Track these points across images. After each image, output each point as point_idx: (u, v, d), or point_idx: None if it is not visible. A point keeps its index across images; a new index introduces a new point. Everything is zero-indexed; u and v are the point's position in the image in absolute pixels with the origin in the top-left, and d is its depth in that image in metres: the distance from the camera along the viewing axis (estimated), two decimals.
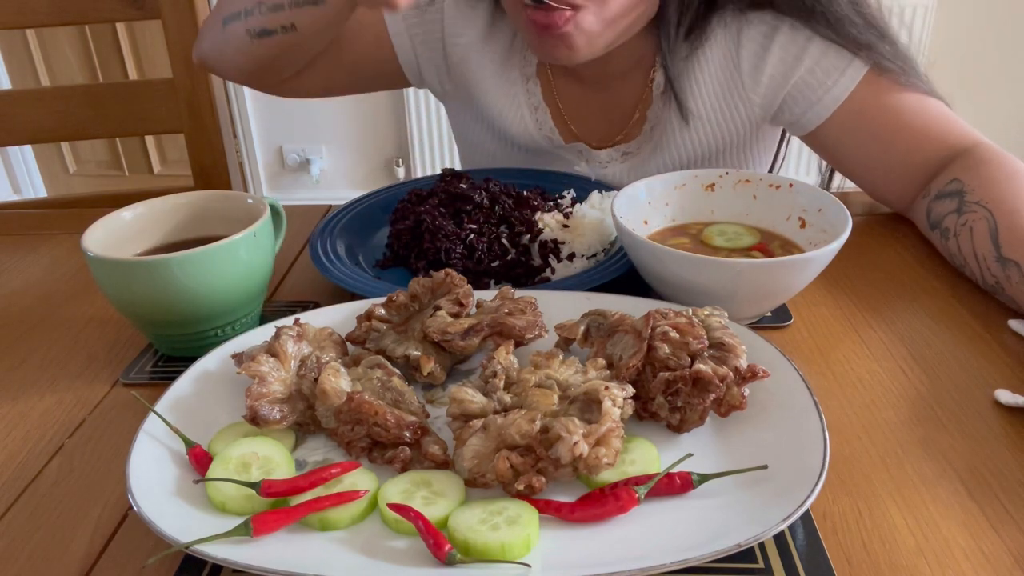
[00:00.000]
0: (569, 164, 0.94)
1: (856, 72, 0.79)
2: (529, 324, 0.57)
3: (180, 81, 1.19)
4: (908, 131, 0.79)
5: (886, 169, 0.82)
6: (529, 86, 0.92)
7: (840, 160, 0.86)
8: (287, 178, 2.95)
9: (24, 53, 2.81)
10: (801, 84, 0.81)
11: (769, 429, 0.50)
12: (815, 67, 0.80)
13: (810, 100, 0.81)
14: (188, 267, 0.59)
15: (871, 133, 0.80)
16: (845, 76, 0.79)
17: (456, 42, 0.92)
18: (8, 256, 0.86)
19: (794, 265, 0.60)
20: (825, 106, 0.81)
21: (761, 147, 0.93)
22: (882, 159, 0.81)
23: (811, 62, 0.80)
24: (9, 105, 1.20)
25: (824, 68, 0.80)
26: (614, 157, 0.92)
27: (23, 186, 3.02)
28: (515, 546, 0.41)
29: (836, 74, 0.79)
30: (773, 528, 0.41)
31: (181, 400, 0.53)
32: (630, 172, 0.91)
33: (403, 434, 0.48)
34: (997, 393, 0.56)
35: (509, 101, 0.93)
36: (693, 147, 0.89)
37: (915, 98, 0.80)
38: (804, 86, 0.81)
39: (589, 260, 0.74)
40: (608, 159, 0.92)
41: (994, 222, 0.68)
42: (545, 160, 0.95)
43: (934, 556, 0.44)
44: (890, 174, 0.82)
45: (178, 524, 0.43)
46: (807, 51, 0.80)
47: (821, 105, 0.81)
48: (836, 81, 0.79)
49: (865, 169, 0.84)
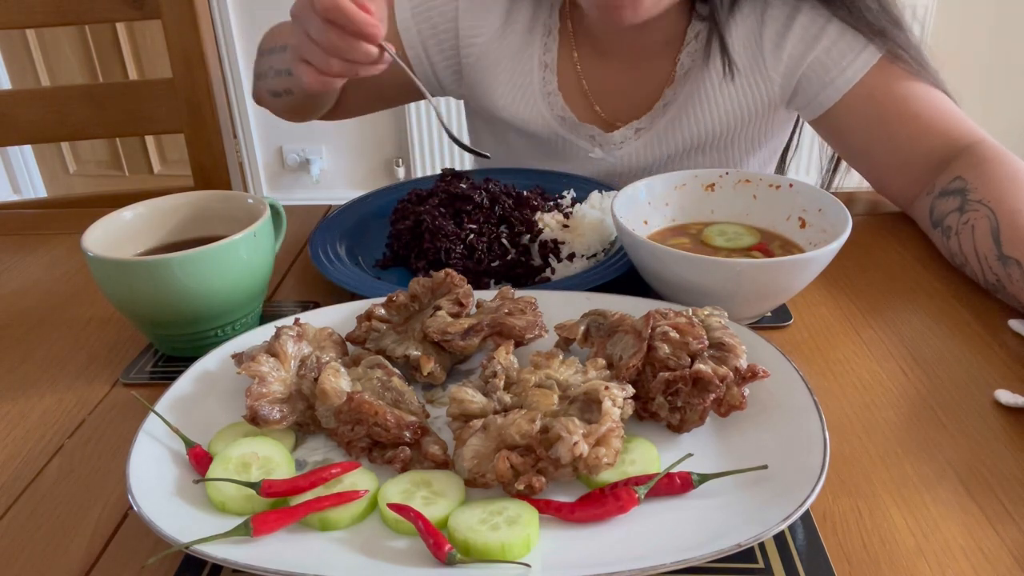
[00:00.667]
0: (582, 151, 0.94)
1: (870, 57, 0.81)
2: (529, 324, 0.57)
3: (180, 81, 1.19)
4: (914, 120, 0.80)
5: (890, 157, 0.83)
6: (546, 74, 0.92)
7: (846, 146, 0.88)
8: (287, 178, 2.95)
9: (24, 53, 2.81)
10: (816, 64, 0.83)
11: (769, 429, 0.50)
12: (831, 48, 0.82)
13: (823, 81, 0.83)
14: (188, 267, 0.59)
15: (879, 119, 0.82)
16: (859, 59, 0.81)
17: (472, 43, 0.92)
18: (8, 256, 0.86)
19: (794, 265, 0.60)
20: (837, 88, 0.82)
21: (772, 132, 0.94)
22: (887, 146, 0.82)
23: (828, 42, 0.82)
24: (9, 105, 1.20)
25: (840, 49, 0.82)
26: (628, 136, 0.92)
27: (23, 186, 3.02)
28: (515, 546, 0.41)
29: (851, 56, 0.81)
30: (773, 528, 0.41)
31: (181, 400, 0.53)
32: (645, 148, 0.92)
33: (403, 434, 0.48)
34: (997, 393, 0.56)
35: (523, 91, 0.93)
36: (711, 124, 0.89)
37: (924, 89, 0.81)
38: (819, 66, 0.83)
39: (589, 260, 0.74)
40: (622, 139, 0.92)
41: (996, 220, 0.68)
42: (559, 149, 0.95)
43: (934, 556, 0.44)
44: (893, 163, 0.83)
45: (178, 524, 0.43)
46: (825, 31, 0.82)
47: (834, 87, 0.83)
48: (850, 63, 0.81)
49: (870, 157, 0.85)
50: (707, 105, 0.88)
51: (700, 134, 0.90)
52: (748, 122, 0.89)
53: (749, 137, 0.92)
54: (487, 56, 0.93)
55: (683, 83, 0.89)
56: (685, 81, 0.89)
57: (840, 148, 0.91)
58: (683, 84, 0.89)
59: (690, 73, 0.88)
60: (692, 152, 0.92)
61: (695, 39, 0.88)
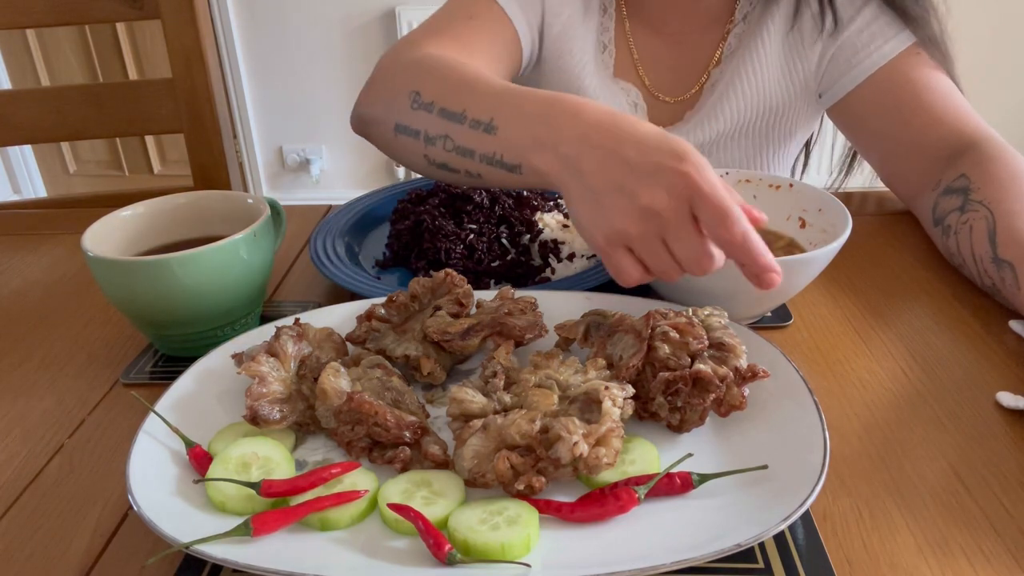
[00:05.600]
0: None
1: (900, 43, 0.81)
2: (529, 324, 0.57)
3: (179, 81, 1.19)
4: (928, 110, 0.80)
5: (901, 146, 0.83)
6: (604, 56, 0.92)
7: (861, 134, 0.88)
8: (287, 178, 2.95)
9: (24, 53, 2.81)
10: (847, 44, 0.84)
11: (769, 429, 0.50)
12: (864, 29, 0.83)
13: (851, 62, 0.84)
14: (188, 267, 0.59)
15: (895, 106, 0.82)
16: (888, 44, 0.81)
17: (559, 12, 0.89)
18: (8, 256, 0.86)
19: (794, 265, 0.60)
20: (863, 70, 0.83)
21: (808, 118, 0.94)
22: (899, 134, 0.83)
23: (862, 23, 0.83)
24: (9, 105, 1.20)
25: (872, 32, 0.82)
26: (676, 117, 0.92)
27: (23, 186, 3.02)
28: (515, 546, 0.41)
29: (881, 40, 0.82)
30: (773, 528, 0.41)
31: (181, 400, 0.53)
32: (690, 132, 0.92)
33: (403, 434, 0.48)
34: (999, 396, 0.56)
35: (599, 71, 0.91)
36: (754, 105, 0.89)
37: (941, 79, 0.81)
38: (848, 46, 0.84)
39: (589, 260, 0.74)
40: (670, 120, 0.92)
41: (993, 222, 0.67)
42: None
43: (934, 556, 0.44)
44: (904, 152, 0.83)
45: (178, 524, 0.43)
46: (861, 12, 0.83)
47: (860, 69, 0.83)
48: (879, 48, 0.82)
49: (882, 144, 0.85)
50: (751, 84, 0.88)
51: (743, 115, 0.90)
52: (788, 106, 0.90)
53: (784, 125, 0.92)
54: (572, 30, 0.90)
55: (729, 62, 0.90)
56: (731, 60, 0.89)
57: (854, 136, 0.91)
58: (729, 63, 0.90)
59: (736, 53, 0.89)
60: (736, 135, 0.92)
61: (743, 20, 0.89)
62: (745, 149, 0.94)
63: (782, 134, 0.94)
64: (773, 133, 0.93)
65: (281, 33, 2.65)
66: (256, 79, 2.76)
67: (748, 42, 0.88)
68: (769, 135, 0.93)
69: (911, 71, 0.81)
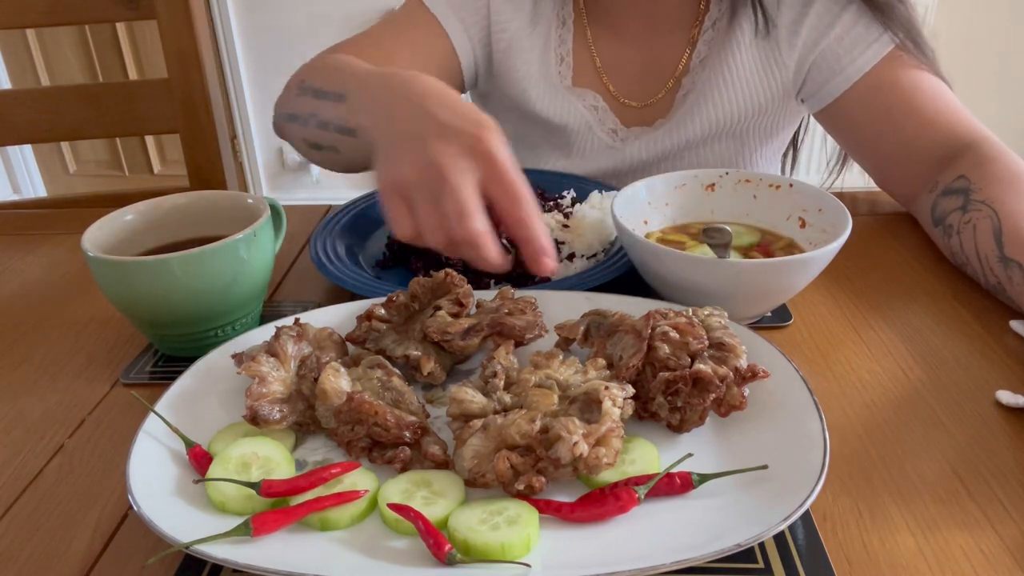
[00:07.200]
0: (603, 142, 0.94)
1: (882, 47, 0.81)
2: (529, 324, 0.57)
3: (176, 81, 1.19)
4: (919, 113, 0.80)
5: (893, 150, 0.83)
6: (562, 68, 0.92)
7: (851, 138, 0.88)
8: (287, 178, 2.95)
9: (24, 53, 2.81)
10: (828, 52, 0.83)
11: (769, 429, 0.50)
12: (844, 36, 0.82)
13: (833, 69, 0.83)
14: (188, 267, 0.59)
15: (885, 110, 0.82)
16: (871, 49, 0.81)
17: (505, 27, 0.91)
18: (8, 256, 0.86)
19: (794, 265, 0.60)
20: (847, 77, 0.82)
21: (788, 120, 0.94)
22: (891, 139, 0.82)
23: (842, 30, 0.82)
24: (8, 105, 1.20)
25: (853, 38, 0.82)
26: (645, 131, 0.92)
27: (23, 186, 3.02)
28: (515, 546, 0.41)
29: (863, 46, 0.81)
30: (773, 528, 0.41)
31: (181, 400, 0.53)
32: (663, 137, 0.92)
33: (403, 434, 0.48)
34: (998, 394, 0.56)
35: (549, 81, 0.92)
36: (728, 112, 0.89)
37: (930, 80, 0.81)
38: (830, 54, 0.83)
39: (589, 260, 0.74)
40: (640, 132, 0.93)
41: (998, 221, 0.67)
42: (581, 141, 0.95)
43: (934, 556, 0.44)
44: (896, 156, 0.83)
45: (178, 524, 0.42)
46: (840, 18, 0.82)
47: (844, 76, 0.83)
48: (862, 53, 0.81)
49: (874, 149, 0.85)
50: (727, 90, 0.88)
51: (721, 120, 0.90)
52: (764, 110, 0.90)
53: (764, 126, 0.92)
54: (517, 43, 0.91)
55: (700, 70, 0.89)
56: (703, 67, 0.89)
57: (844, 141, 0.91)
58: (700, 71, 0.89)
59: (707, 60, 0.89)
60: (717, 136, 0.92)
61: (712, 27, 0.89)
62: (727, 148, 0.94)
63: (764, 133, 0.94)
64: (755, 132, 0.93)
65: (281, 33, 2.65)
66: (256, 79, 2.76)
67: (720, 49, 0.88)
68: (751, 134, 0.93)
69: (898, 74, 0.81)
